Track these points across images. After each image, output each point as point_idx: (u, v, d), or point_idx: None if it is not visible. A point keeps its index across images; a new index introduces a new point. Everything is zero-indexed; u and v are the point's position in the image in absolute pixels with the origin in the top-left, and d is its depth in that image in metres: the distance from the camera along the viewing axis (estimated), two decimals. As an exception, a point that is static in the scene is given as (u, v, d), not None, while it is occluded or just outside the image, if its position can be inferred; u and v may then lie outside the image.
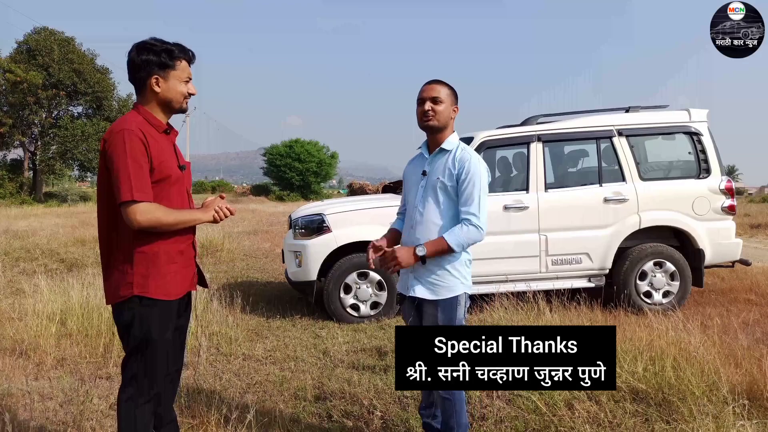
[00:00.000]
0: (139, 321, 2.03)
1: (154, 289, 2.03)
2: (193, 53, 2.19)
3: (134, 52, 2.08)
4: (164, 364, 2.14)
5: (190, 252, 2.20)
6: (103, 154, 2.02)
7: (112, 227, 2.06)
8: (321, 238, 5.24)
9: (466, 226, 2.31)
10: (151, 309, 2.04)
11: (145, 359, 2.07)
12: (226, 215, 2.18)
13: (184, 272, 2.16)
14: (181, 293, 2.15)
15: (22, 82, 28.54)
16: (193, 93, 2.19)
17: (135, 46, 2.09)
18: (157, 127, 2.11)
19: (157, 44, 2.08)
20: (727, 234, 5.57)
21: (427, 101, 2.40)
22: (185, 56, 2.14)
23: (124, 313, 2.05)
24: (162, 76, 2.08)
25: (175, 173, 2.11)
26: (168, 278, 2.07)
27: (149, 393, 2.11)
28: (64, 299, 4.76)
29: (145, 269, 2.02)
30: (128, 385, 2.10)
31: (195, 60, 2.20)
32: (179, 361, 2.33)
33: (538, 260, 5.35)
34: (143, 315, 2.03)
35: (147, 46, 2.07)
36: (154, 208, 1.99)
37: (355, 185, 43.55)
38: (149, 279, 2.02)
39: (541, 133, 5.51)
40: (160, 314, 2.06)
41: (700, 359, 3.28)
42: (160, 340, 2.08)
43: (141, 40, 2.11)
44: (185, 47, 2.15)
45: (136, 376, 2.09)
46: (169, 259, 2.08)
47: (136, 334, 2.05)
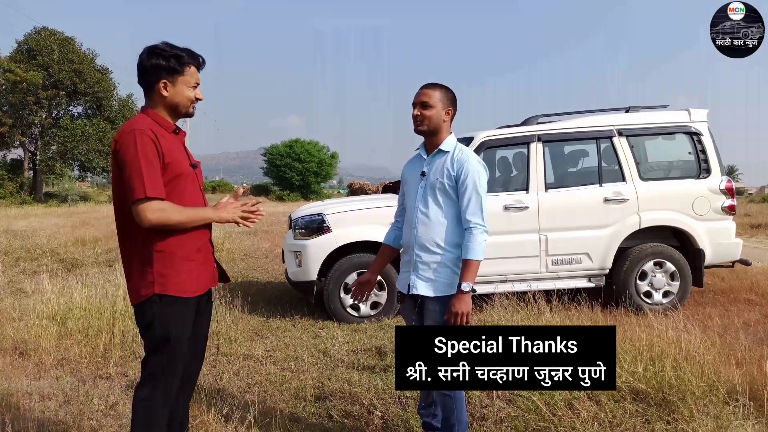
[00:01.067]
0: (158, 319, 2.04)
1: (173, 287, 2.04)
2: (203, 59, 2.20)
3: (144, 56, 2.09)
4: (182, 363, 2.14)
5: (208, 248, 2.21)
6: (115, 154, 2.04)
7: (128, 229, 2.07)
8: (321, 238, 5.25)
9: (474, 233, 2.35)
10: (170, 307, 2.05)
11: (164, 357, 2.08)
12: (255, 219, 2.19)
13: (202, 269, 2.17)
14: (200, 290, 2.16)
15: (21, 82, 28.54)
16: (201, 98, 2.20)
17: (146, 49, 2.11)
18: (167, 127, 2.13)
19: (167, 49, 2.09)
20: (727, 234, 5.57)
21: (416, 106, 2.44)
22: (194, 62, 2.16)
23: (145, 313, 2.06)
24: (170, 80, 2.10)
25: (187, 170, 2.13)
26: (186, 275, 2.08)
27: (166, 392, 2.11)
28: (65, 299, 4.76)
29: (163, 268, 2.03)
30: (145, 383, 2.11)
31: (204, 66, 2.22)
32: (198, 360, 2.34)
33: (538, 260, 5.35)
34: (163, 313, 2.04)
35: (157, 50, 2.08)
36: (165, 205, 2.00)
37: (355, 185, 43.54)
38: (168, 277, 2.03)
39: (541, 133, 5.52)
40: (179, 312, 2.07)
41: (700, 359, 3.28)
42: (179, 338, 2.09)
43: (152, 44, 2.12)
44: (195, 53, 2.17)
45: (154, 375, 2.09)
46: (187, 257, 2.08)
47: (156, 333, 2.06)
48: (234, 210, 2.18)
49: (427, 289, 2.41)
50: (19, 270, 7.61)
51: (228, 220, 2.16)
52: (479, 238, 2.35)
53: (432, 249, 2.42)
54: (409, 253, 2.51)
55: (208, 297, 2.29)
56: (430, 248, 2.42)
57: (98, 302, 4.65)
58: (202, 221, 2.12)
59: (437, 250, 2.41)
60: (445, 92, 2.46)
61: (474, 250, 2.33)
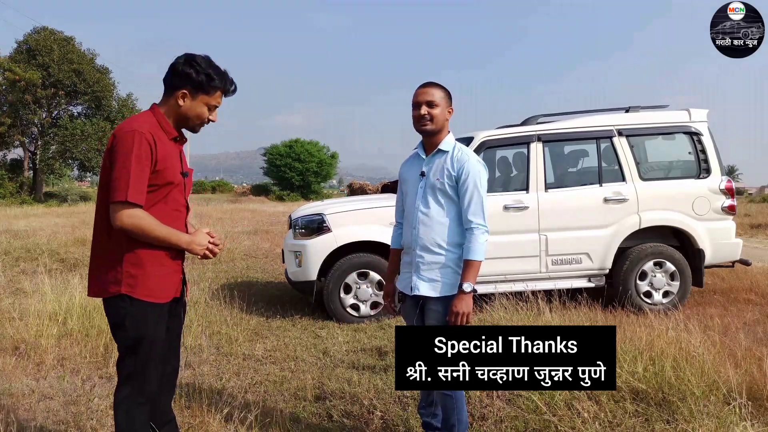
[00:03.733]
0: (130, 320, 2.03)
1: (143, 292, 2.03)
2: (235, 87, 2.20)
3: (181, 61, 2.10)
4: (157, 363, 2.14)
5: (180, 257, 2.19)
6: (110, 149, 2.03)
7: (107, 222, 2.05)
8: (321, 238, 5.24)
9: (475, 234, 2.35)
10: (141, 309, 2.04)
11: (138, 358, 2.07)
12: (215, 253, 2.17)
13: (172, 277, 2.15)
14: (167, 297, 2.14)
15: (20, 82, 28.53)
16: (213, 121, 2.20)
17: (186, 55, 2.11)
18: (168, 132, 2.12)
19: (203, 65, 2.09)
20: (727, 234, 5.57)
21: (422, 105, 2.41)
22: (222, 87, 2.16)
23: (115, 311, 2.05)
24: (191, 93, 2.10)
25: (177, 179, 2.13)
26: (155, 280, 2.06)
27: (145, 392, 2.11)
28: (66, 299, 4.76)
29: (134, 269, 2.02)
30: (123, 384, 2.10)
31: (234, 94, 2.22)
32: (174, 360, 2.34)
33: (538, 260, 5.35)
34: (134, 315, 2.03)
35: (194, 61, 2.09)
36: (144, 215, 1.99)
37: (355, 185, 43.55)
38: (137, 280, 2.02)
39: (541, 133, 5.52)
40: (151, 315, 2.06)
41: (700, 359, 3.28)
42: (153, 339, 2.08)
43: (194, 54, 2.12)
44: (228, 79, 2.16)
45: (131, 376, 2.09)
46: (159, 262, 2.07)
47: (129, 334, 2.05)
48: (202, 243, 2.13)
49: (429, 290, 2.41)
50: (19, 270, 7.60)
51: (196, 254, 2.12)
52: (480, 238, 2.35)
53: (434, 249, 2.41)
54: (410, 254, 2.51)
55: (180, 300, 2.27)
56: (432, 249, 2.42)
57: (98, 302, 4.64)
58: (176, 245, 2.09)
59: (439, 250, 2.41)
60: (446, 91, 2.46)
61: (475, 251, 2.33)
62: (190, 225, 2.28)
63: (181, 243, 2.10)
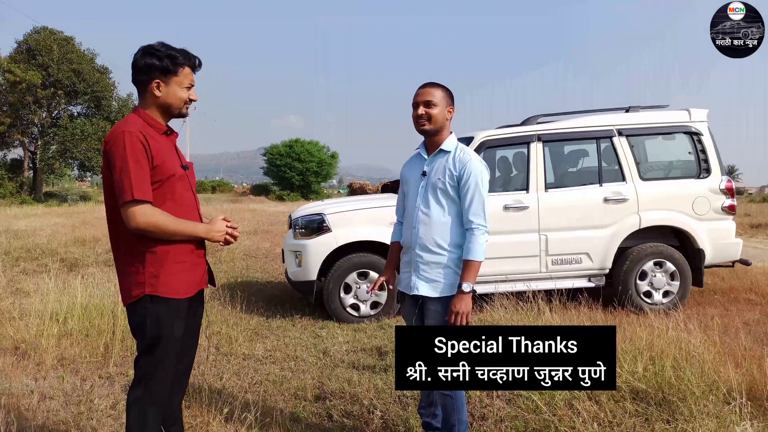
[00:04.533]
0: (150, 320, 2.04)
1: (163, 288, 2.04)
2: (200, 61, 2.20)
3: (139, 55, 2.09)
4: (173, 363, 2.14)
5: (200, 250, 2.21)
6: (105, 155, 2.04)
7: (120, 229, 2.06)
8: (321, 237, 5.25)
9: (475, 234, 2.35)
10: (161, 307, 2.05)
11: (156, 357, 2.08)
12: (235, 237, 2.22)
13: (194, 270, 2.16)
14: (191, 292, 2.15)
15: (20, 82, 28.53)
16: (194, 99, 2.19)
17: (141, 49, 2.10)
18: (158, 128, 2.12)
19: (162, 49, 2.09)
20: (727, 234, 5.57)
21: (420, 105, 2.42)
22: (189, 63, 2.15)
23: (137, 313, 2.07)
24: (163, 81, 2.10)
25: (178, 172, 2.13)
26: (176, 276, 2.07)
27: (159, 392, 2.11)
28: (66, 299, 4.76)
29: (155, 268, 2.03)
30: (138, 384, 2.11)
31: (201, 67, 2.21)
32: (188, 359, 2.34)
33: (538, 260, 5.35)
34: (154, 313, 2.04)
35: (152, 50, 2.08)
36: (156, 212, 2.00)
37: (355, 185, 43.56)
38: (159, 278, 2.03)
39: (541, 132, 5.52)
40: (170, 312, 2.07)
41: (700, 359, 3.28)
42: (170, 338, 2.09)
43: (147, 44, 2.12)
44: (190, 54, 2.16)
45: (146, 375, 2.09)
46: (178, 258, 2.08)
47: (148, 333, 2.06)
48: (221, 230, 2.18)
49: (429, 290, 2.41)
50: (19, 270, 7.61)
51: (217, 240, 2.17)
52: (480, 238, 2.35)
53: (433, 249, 2.41)
54: (409, 254, 2.51)
55: (199, 296, 2.29)
56: (432, 248, 2.42)
57: (98, 302, 4.65)
58: (193, 236, 2.11)
59: (439, 250, 2.41)
60: (446, 91, 2.46)
61: (475, 251, 2.33)
62: (203, 216, 2.30)
63: (199, 232, 2.12)
